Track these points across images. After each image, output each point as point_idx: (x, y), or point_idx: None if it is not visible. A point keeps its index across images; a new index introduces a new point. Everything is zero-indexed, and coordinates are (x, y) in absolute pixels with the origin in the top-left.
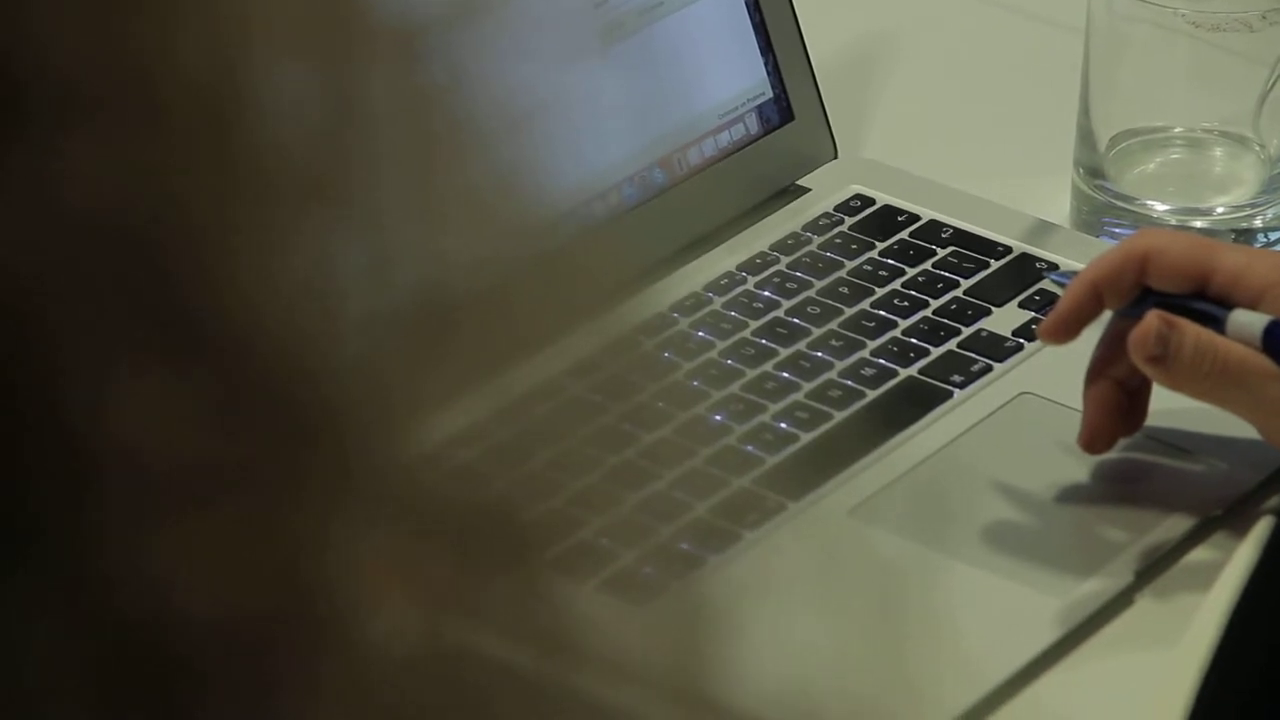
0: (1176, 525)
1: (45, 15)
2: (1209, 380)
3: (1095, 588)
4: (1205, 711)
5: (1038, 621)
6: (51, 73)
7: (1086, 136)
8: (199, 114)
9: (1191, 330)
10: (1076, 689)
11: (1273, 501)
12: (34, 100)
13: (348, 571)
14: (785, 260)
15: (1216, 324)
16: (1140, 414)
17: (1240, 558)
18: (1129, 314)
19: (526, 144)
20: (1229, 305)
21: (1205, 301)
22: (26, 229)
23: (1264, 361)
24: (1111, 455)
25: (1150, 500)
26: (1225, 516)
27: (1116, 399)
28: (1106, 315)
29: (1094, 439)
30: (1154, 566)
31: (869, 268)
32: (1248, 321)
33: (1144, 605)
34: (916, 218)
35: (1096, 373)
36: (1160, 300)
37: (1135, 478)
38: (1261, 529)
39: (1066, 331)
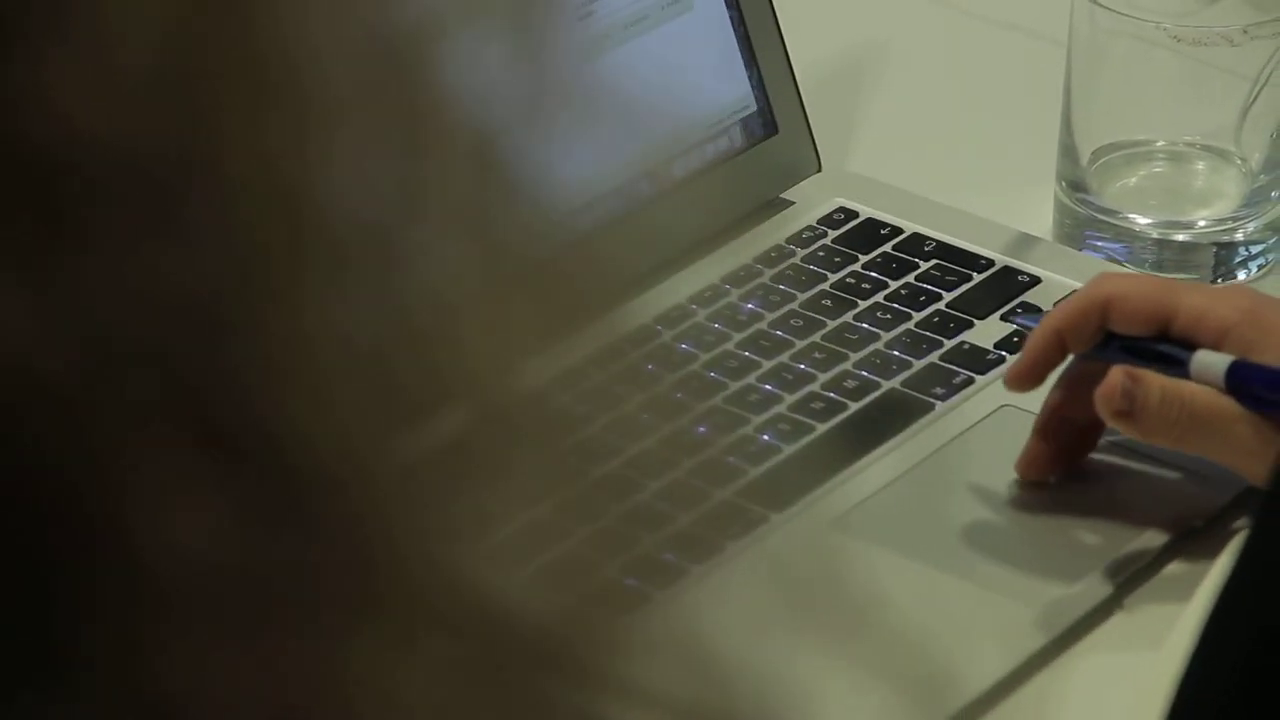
0: (1156, 537)
1: (110, 98)
2: (1178, 428)
3: (1075, 599)
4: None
5: (1017, 632)
6: (115, 161)
7: (1069, 150)
8: (271, 204)
9: (1156, 381)
10: (1056, 700)
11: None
12: (92, 189)
13: (385, 691)
14: (769, 273)
15: (1180, 366)
16: (1086, 450)
17: (1220, 570)
18: (1091, 358)
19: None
20: (1192, 347)
21: (1168, 344)
22: (82, 319)
23: (1229, 404)
24: (1092, 467)
25: (1130, 512)
26: (1205, 529)
27: (1066, 436)
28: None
29: (1029, 468)
30: (1134, 578)
31: (852, 280)
32: (1211, 362)
33: (1123, 616)
34: (899, 231)
35: (1051, 413)
36: (1123, 343)
37: (1115, 490)
38: (1241, 541)
39: (1030, 380)
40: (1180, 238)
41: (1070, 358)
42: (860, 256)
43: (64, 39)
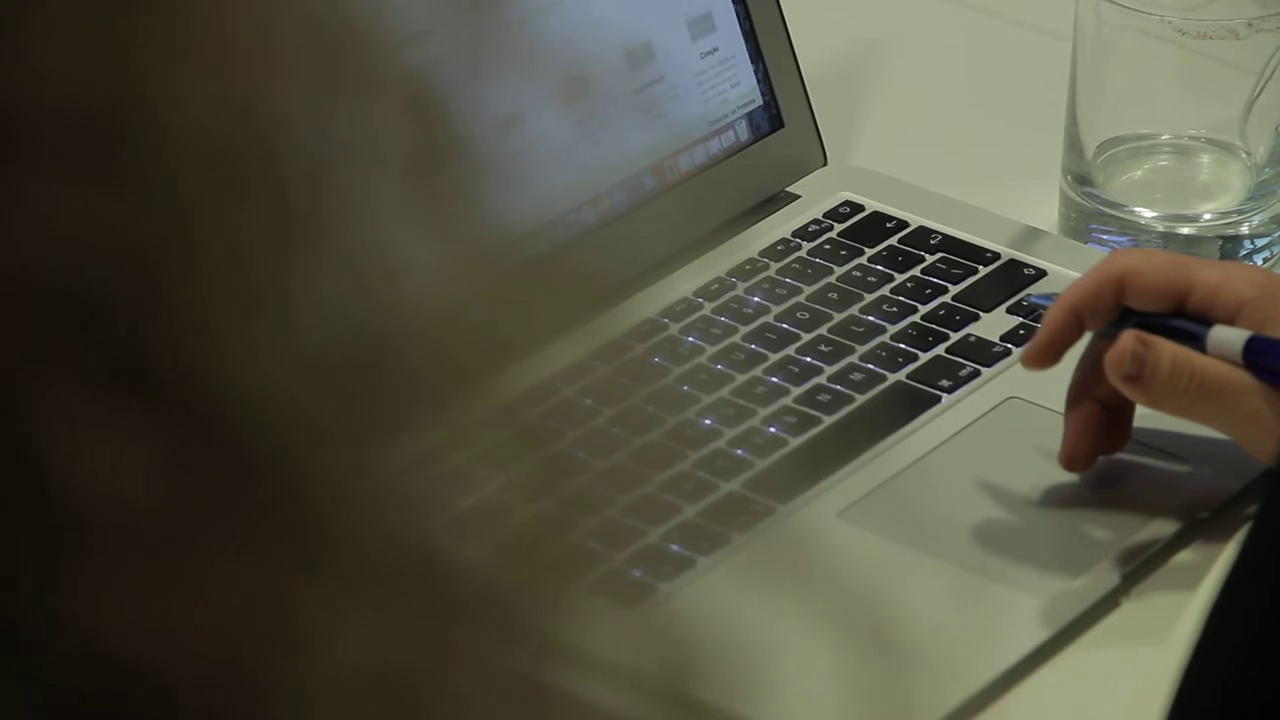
0: (1163, 528)
1: (57, 49)
2: (1187, 397)
3: (1081, 590)
4: (1183, 708)
5: (1024, 623)
6: (58, 108)
7: (1074, 143)
8: (209, 152)
9: (1168, 348)
10: (1062, 690)
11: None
12: (38, 133)
13: (308, 613)
14: (775, 266)
15: (1196, 341)
16: (1124, 432)
17: (1226, 560)
18: (1109, 334)
19: (519, 156)
20: (1208, 322)
21: (1184, 319)
22: (18, 255)
23: (1241, 375)
24: (1098, 459)
25: (1137, 503)
26: (1211, 519)
27: (1098, 418)
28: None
29: (1074, 457)
30: (1140, 569)
31: (858, 273)
32: (1227, 337)
33: (1130, 607)
34: (905, 224)
35: (1078, 393)
36: (1139, 320)
37: (1122, 481)
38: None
39: (1048, 357)
40: (1185, 231)
41: (1089, 337)
42: (866, 250)
43: None
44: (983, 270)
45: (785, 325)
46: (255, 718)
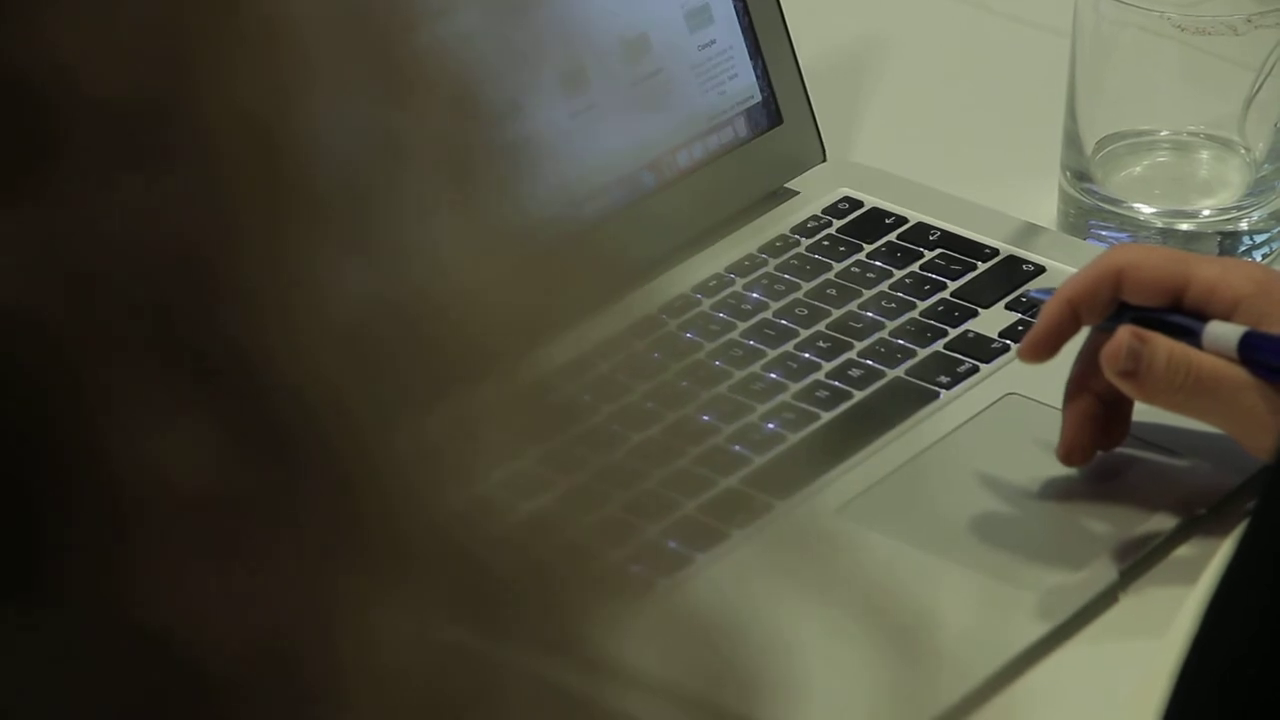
0: (1161, 524)
1: (101, 46)
2: (1183, 392)
3: (1079, 585)
4: (1181, 703)
5: (1022, 618)
6: (101, 104)
7: (1073, 140)
8: (249, 148)
9: (1164, 344)
10: (1061, 685)
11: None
12: (81, 130)
13: (354, 607)
14: (774, 262)
15: (1193, 337)
16: (1122, 428)
17: (1225, 556)
18: (1106, 329)
19: (516, 147)
20: (1205, 318)
21: (1181, 315)
22: (65, 254)
23: (1238, 371)
24: (1096, 455)
25: (1135, 499)
26: (1209, 515)
27: (1095, 413)
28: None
29: (1071, 452)
30: (1138, 565)
31: (857, 270)
32: (1223, 333)
33: (1128, 603)
34: (904, 220)
35: (1076, 387)
36: (1136, 315)
37: (1120, 477)
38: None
39: (1045, 350)
40: (1184, 227)
41: (1087, 331)
42: (865, 246)
43: None
44: (981, 266)
45: (784, 321)
46: (298, 702)
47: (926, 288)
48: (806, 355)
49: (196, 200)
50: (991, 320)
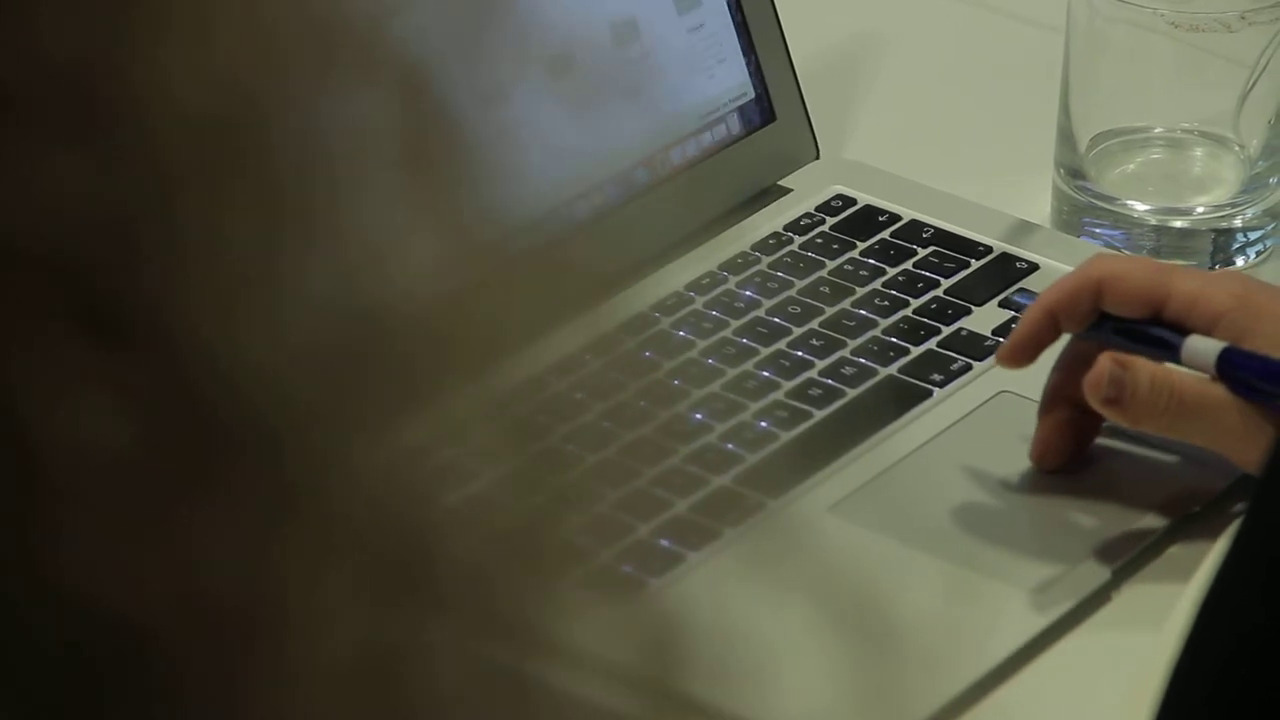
0: (1154, 522)
1: (43, 16)
2: (1167, 416)
3: (1072, 584)
4: (1173, 703)
5: (1016, 617)
6: (39, 73)
7: (1067, 137)
8: (193, 124)
9: (1145, 368)
10: (1054, 683)
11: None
12: (17, 97)
13: (285, 582)
14: (766, 260)
15: (1171, 350)
16: (1093, 433)
17: (1217, 554)
18: (1086, 338)
19: (509, 143)
20: (1184, 331)
21: (1160, 328)
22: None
23: (1219, 391)
24: (1089, 452)
25: (1128, 497)
26: (1203, 513)
27: (1072, 420)
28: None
29: (1044, 455)
30: (1131, 563)
31: (850, 267)
32: (1202, 349)
33: (1121, 601)
34: (897, 218)
35: (1053, 395)
36: (1117, 325)
37: (1113, 475)
38: (1236, 529)
39: (1023, 358)
40: (1178, 224)
41: (1067, 338)
42: (858, 243)
43: None
44: (975, 264)
45: (777, 319)
46: (229, 675)
47: (919, 285)
48: (799, 353)
49: (129, 172)
50: (984, 318)
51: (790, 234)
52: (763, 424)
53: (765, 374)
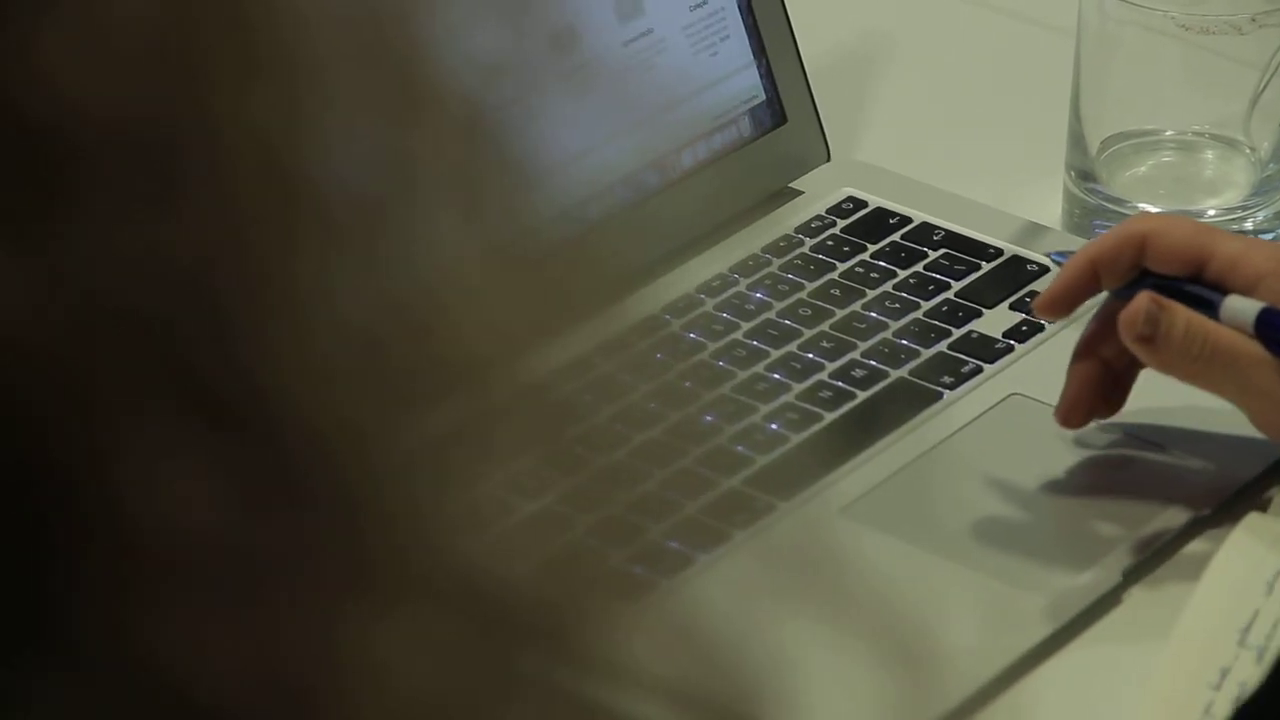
0: (1165, 524)
1: (118, 71)
2: (1198, 363)
3: (1083, 586)
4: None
5: (1026, 619)
6: (117, 131)
7: (1077, 139)
8: (262, 175)
9: (1182, 313)
10: (1066, 685)
11: (1268, 495)
12: (89, 161)
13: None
14: (777, 262)
15: (1211, 308)
16: (1121, 397)
17: (1227, 555)
18: (1124, 295)
19: (520, 146)
20: (1224, 291)
21: (1201, 286)
22: (83, 282)
23: (1254, 347)
24: (1099, 455)
25: (1139, 499)
26: (1213, 515)
27: (1100, 377)
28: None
29: (1071, 412)
30: (1142, 565)
31: (860, 270)
32: (1241, 308)
33: (1132, 603)
34: (908, 220)
35: (1085, 349)
36: (1156, 282)
37: (1123, 477)
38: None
39: (1061, 307)
40: None
41: (1104, 296)
42: (869, 246)
43: (55, 8)
44: (986, 266)
45: (787, 321)
46: None
47: (930, 288)
48: (810, 355)
49: (210, 230)
50: (995, 320)
51: (801, 236)
52: (773, 426)
53: (776, 376)
